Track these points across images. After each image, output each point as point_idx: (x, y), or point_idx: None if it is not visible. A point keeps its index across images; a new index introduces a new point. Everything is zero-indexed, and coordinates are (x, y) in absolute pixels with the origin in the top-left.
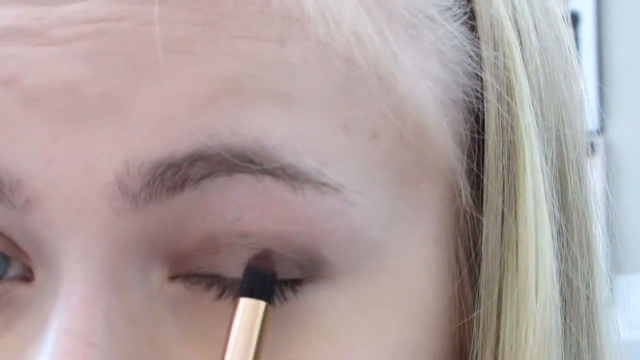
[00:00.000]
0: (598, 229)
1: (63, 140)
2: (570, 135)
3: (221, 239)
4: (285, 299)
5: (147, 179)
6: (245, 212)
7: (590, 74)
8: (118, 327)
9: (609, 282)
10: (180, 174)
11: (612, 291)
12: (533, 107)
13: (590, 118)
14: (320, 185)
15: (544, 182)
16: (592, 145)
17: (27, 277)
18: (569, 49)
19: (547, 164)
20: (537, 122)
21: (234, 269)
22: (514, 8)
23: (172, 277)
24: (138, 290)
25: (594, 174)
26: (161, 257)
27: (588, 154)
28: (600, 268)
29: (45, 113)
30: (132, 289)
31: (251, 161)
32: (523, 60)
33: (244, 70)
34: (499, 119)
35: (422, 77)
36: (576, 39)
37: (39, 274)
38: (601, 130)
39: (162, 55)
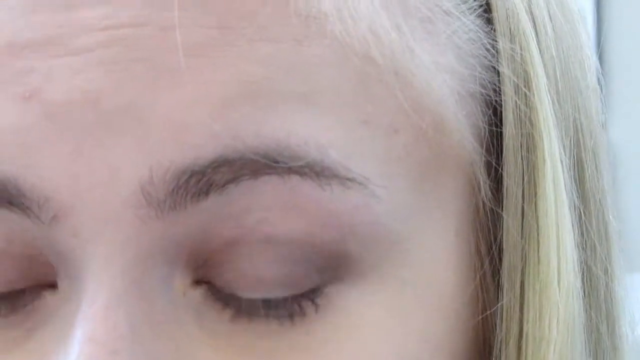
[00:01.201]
0: (613, 217)
1: (86, 153)
2: (586, 123)
3: (243, 244)
4: (306, 313)
5: (172, 187)
6: (271, 213)
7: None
8: (142, 333)
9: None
10: (204, 181)
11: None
12: (550, 97)
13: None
14: (346, 180)
15: (563, 172)
16: None
17: (50, 286)
18: (584, 38)
19: (565, 153)
20: (554, 112)
21: (251, 288)
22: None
23: (196, 282)
24: (161, 296)
25: None
26: (184, 263)
27: (604, 142)
28: (617, 255)
29: (67, 127)
30: (155, 295)
31: (276, 161)
32: (539, 51)
33: (263, 73)
34: (516, 111)
35: (439, 71)
36: None
37: (63, 284)
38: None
39: (182, 60)
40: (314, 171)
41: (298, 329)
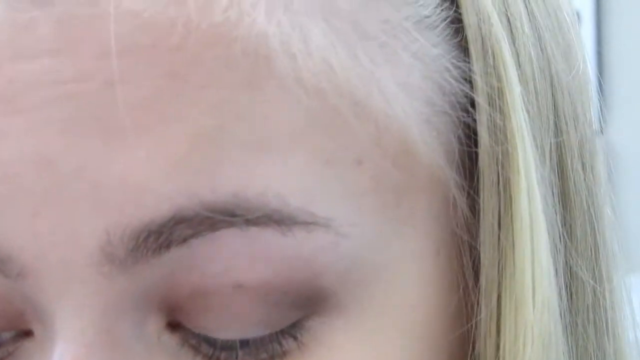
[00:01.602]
0: (609, 214)
1: (44, 214)
2: (571, 120)
3: (214, 293)
4: (286, 350)
5: (131, 246)
6: (236, 262)
7: (590, 74)
8: None
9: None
10: (163, 238)
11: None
12: (527, 102)
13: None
14: (308, 224)
15: (540, 182)
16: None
17: (26, 332)
18: (570, 32)
19: (543, 159)
20: (532, 118)
21: (225, 329)
22: (504, 2)
23: (171, 325)
24: (135, 341)
25: None
26: (156, 308)
27: (595, 134)
28: (609, 257)
29: (23, 188)
30: (129, 342)
31: (234, 214)
32: (516, 53)
33: (215, 123)
34: (490, 125)
35: (404, 95)
36: None
37: (37, 330)
38: (601, 130)
39: (128, 119)
40: (274, 220)
41: None
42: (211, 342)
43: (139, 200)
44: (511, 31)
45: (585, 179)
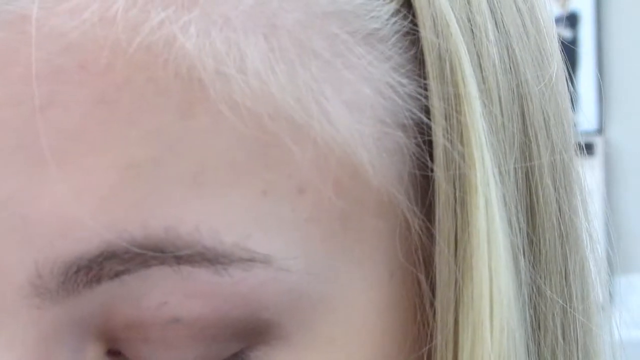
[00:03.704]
0: (582, 231)
1: None
2: (542, 130)
3: (150, 326)
4: None
5: (61, 280)
6: (170, 297)
7: (590, 74)
8: None
9: (606, 284)
10: (93, 273)
11: (610, 292)
12: (489, 115)
13: (589, 118)
14: (245, 261)
15: (501, 201)
16: (591, 145)
17: None
18: (545, 34)
19: (508, 176)
20: (494, 131)
21: None
22: (468, 4)
23: (111, 353)
24: None
25: (594, 174)
26: (94, 336)
27: (575, 149)
28: (587, 275)
29: None
30: None
31: (164, 251)
32: (479, 62)
33: (147, 154)
34: (446, 140)
35: (349, 115)
36: (576, 39)
37: None
38: (601, 130)
39: (54, 148)
40: (207, 259)
41: None
42: None
43: (68, 235)
44: (473, 40)
45: (556, 195)
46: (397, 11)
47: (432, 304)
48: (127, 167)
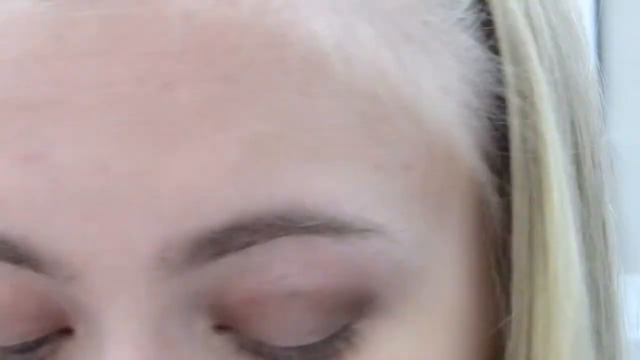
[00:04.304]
0: (612, 212)
1: (97, 219)
2: (585, 126)
3: (268, 299)
4: (340, 352)
5: (188, 253)
6: (291, 269)
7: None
8: None
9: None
10: (221, 246)
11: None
12: (552, 104)
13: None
14: (363, 231)
15: (568, 182)
16: None
17: (62, 331)
18: (581, 37)
19: (568, 158)
20: (556, 118)
21: (284, 336)
22: (526, 2)
23: (219, 327)
24: (183, 342)
25: None
26: (206, 309)
27: (603, 141)
28: (615, 256)
29: (75, 192)
30: (178, 344)
31: (292, 222)
32: (540, 58)
33: (272, 130)
34: (522, 123)
35: (445, 97)
36: None
37: (79, 331)
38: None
39: (184, 124)
40: (331, 228)
41: None
42: (267, 347)
43: (197, 208)
44: (533, 33)
45: (597, 180)
46: (476, 2)
47: (506, 283)
48: (252, 142)
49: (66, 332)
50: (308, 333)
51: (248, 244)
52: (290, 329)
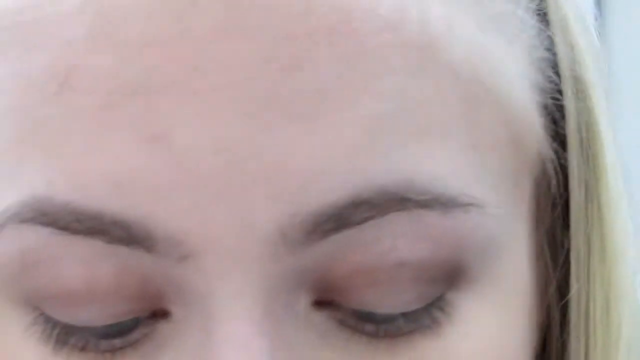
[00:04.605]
0: None
1: (220, 200)
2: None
3: (378, 270)
4: (438, 320)
5: (310, 229)
6: (399, 241)
7: None
8: (281, 358)
9: None
10: (340, 222)
11: None
12: (598, 86)
13: None
14: (466, 206)
15: (615, 160)
16: None
17: (157, 314)
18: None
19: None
20: (604, 101)
21: (390, 303)
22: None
23: (317, 304)
24: (288, 319)
25: None
26: (308, 285)
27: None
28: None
29: (199, 173)
30: (283, 319)
31: (406, 199)
32: (586, 43)
33: (387, 110)
34: (577, 106)
35: (521, 82)
36: None
37: (177, 313)
38: None
39: (309, 104)
40: (440, 203)
41: (436, 337)
42: (369, 317)
43: (322, 184)
44: (580, 23)
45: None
46: None
47: (566, 257)
48: (371, 121)
49: (161, 315)
50: (410, 301)
51: (366, 219)
52: (395, 297)
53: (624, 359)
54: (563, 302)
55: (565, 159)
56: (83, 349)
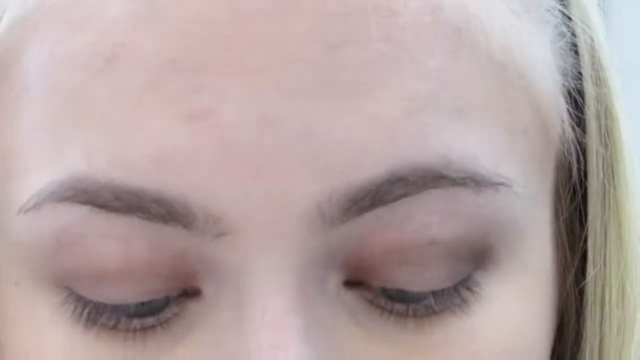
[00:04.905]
0: None
1: (261, 177)
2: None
3: (410, 248)
4: (466, 300)
5: (347, 206)
6: (432, 219)
7: None
8: (313, 336)
9: None
10: (377, 198)
11: None
12: (614, 70)
13: None
14: (497, 185)
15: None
16: None
17: (188, 292)
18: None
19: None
20: (619, 88)
21: (421, 282)
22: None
23: (347, 284)
24: (319, 297)
25: None
26: (339, 264)
27: None
28: None
29: (242, 150)
30: (314, 297)
31: (441, 176)
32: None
33: (426, 89)
34: (597, 92)
35: (549, 68)
36: None
37: (208, 291)
38: None
39: (352, 82)
40: (473, 181)
41: (465, 317)
42: (399, 297)
43: (360, 162)
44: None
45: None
46: None
47: (584, 243)
48: (411, 99)
49: (192, 294)
50: (440, 280)
51: (401, 196)
52: (425, 276)
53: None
54: (579, 287)
55: (586, 145)
56: (114, 327)
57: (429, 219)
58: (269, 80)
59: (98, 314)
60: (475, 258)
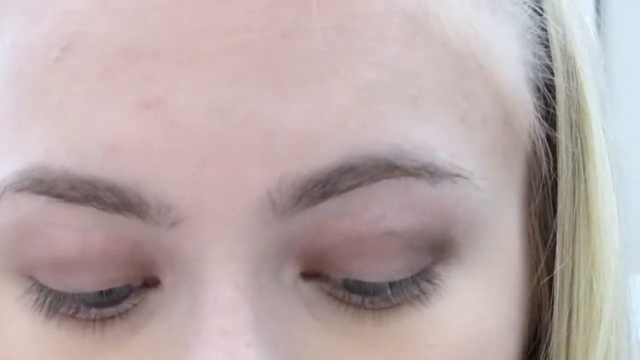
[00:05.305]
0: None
1: (211, 164)
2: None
3: (366, 239)
4: (425, 292)
5: (298, 194)
6: (387, 210)
7: None
8: (265, 325)
9: None
10: (328, 187)
11: None
12: (589, 67)
13: None
14: (454, 176)
15: (605, 142)
16: None
17: (147, 283)
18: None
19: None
20: (594, 83)
21: (377, 273)
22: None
23: (305, 275)
24: (274, 288)
25: None
26: (295, 256)
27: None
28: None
29: (192, 138)
30: (269, 288)
31: (395, 166)
32: (579, 27)
33: (378, 78)
34: (567, 89)
35: (515, 61)
36: None
37: (166, 281)
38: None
39: (301, 70)
40: (428, 172)
41: (423, 308)
42: (357, 288)
43: (310, 150)
44: (571, 5)
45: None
46: None
47: (553, 235)
48: (362, 88)
49: (152, 284)
50: (397, 270)
51: (354, 186)
52: (382, 266)
53: (607, 340)
54: (545, 280)
55: (556, 140)
56: (73, 316)
57: (384, 209)
58: (219, 67)
59: (59, 303)
60: (434, 250)
